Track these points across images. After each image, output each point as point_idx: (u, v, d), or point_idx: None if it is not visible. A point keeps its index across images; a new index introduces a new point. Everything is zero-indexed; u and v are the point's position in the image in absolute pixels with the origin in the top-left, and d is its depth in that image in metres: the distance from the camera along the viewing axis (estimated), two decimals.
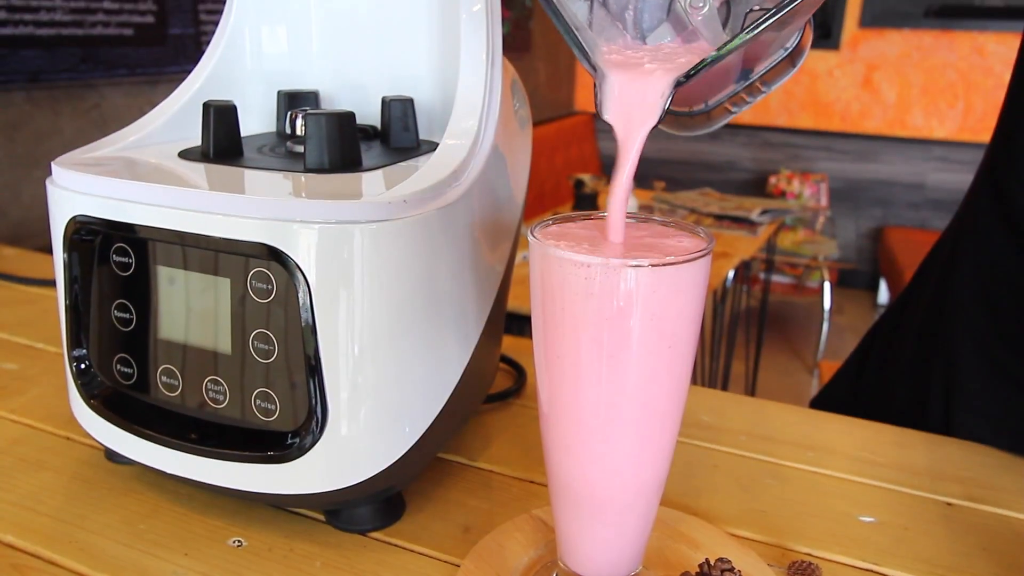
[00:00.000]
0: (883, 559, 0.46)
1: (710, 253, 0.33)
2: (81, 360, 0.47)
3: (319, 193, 0.41)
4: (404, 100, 0.52)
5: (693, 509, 0.50)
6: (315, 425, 0.41)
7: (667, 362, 0.33)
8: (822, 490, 0.53)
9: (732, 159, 3.96)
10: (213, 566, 0.43)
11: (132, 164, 0.47)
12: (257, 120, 0.58)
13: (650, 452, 0.36)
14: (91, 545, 0.45)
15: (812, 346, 3.28)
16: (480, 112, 0.48)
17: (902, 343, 0.71)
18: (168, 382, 0.45)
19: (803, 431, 0.60)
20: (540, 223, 0.35)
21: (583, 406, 0.34)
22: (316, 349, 0.40)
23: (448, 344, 0.46)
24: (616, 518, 0.38)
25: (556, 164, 3.49)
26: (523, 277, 0.59)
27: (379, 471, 0.43)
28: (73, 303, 0.47)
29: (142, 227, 0.42)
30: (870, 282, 3.86)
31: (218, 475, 0.44)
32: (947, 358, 0.63)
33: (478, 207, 0.46)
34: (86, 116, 1.59)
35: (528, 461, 0.55)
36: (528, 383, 0.66)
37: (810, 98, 3.78)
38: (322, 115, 0.45)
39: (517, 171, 0.54)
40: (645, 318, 0.32)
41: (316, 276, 0.39)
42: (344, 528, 0.47)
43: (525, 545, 0.44)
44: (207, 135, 0.48)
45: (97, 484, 0.50)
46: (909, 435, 0.60)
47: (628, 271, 0.31)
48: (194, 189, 0.42)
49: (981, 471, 0.55)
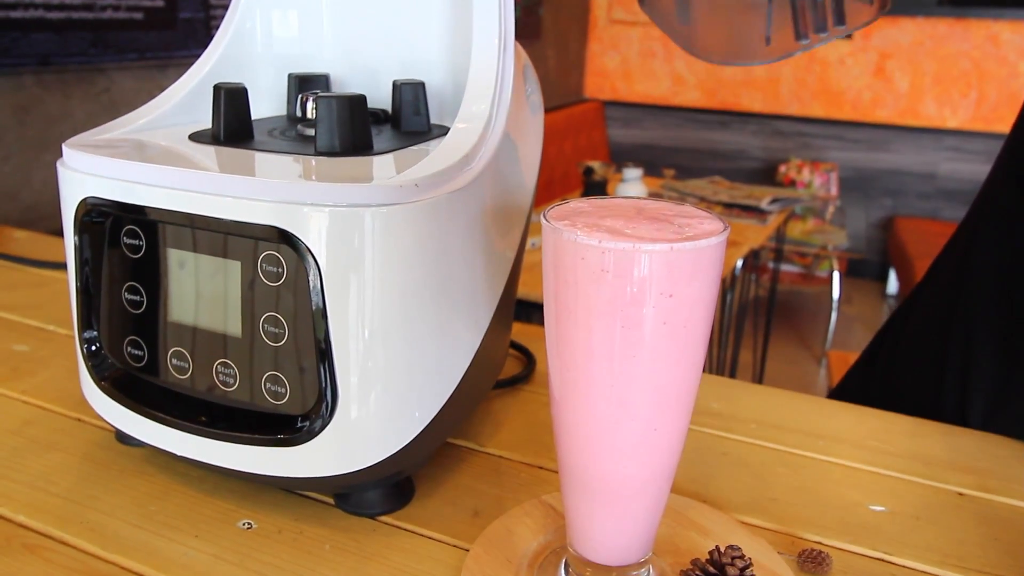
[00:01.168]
0: (893, 548, 0.46)
1: (726, 236, 0.32)
2: (92, 342, 0.47)
3: (330, 176, 0.41)
4: (415, 84, 0.52)
5: (703, 496, 0.50)
6: (325, 409, 0.41)
7: (681, 346, 0.33)
8: (833, 479, 0.52)
9: (742, 147, 3.94)
10: (223, 548, 0.43)
11: (143, 146, 0.47)
12: (268, 104, 0.58)
13: (662, 438, 0.36)
14: (102, 526, 0.45)
15: (820, 336, 3.27)
16: (492, 96, 0.47)
17: (916, 333, 0.70)
18: (178, 365, 0.45)
19: (814, 420, 0.60)
20: (552, 206, 0.35)
21: (595, 391, 0.34)
22: (326, 332, 0.40)
23: (458, 329, 0.46)
24: (626, 504, 0.37)
25: (565, 151, 3.48)
26: (533, 264, 0.59)
27: (388, 455, 0.43)
28: (84, 285, 0.47)
29: (152, 209, 0.42)
30: (880, 272, 3.84)
31: (228, 457, 0.44)
32: (964, 347, 0.63)
33: (489, 192, 0.46)
34: (96, 100, 1.59)
35: (537, 447, 0.55)
36: (538, 369, 0.66)
37: (821, 86, 3.76)
38: (333, 98, 0.45)
39: (528, 157, 0.54)
40: (659, 302, 0.31)
41: (326, 259, 0.39)
42: (353, 512, 0.47)
43: (534, 530, 0.44)
44: (217, 118, 0.48)
45: (108, 465, 0.50)
46: (922, 425, 0.60)
47: (643, 255, 0.30)
48: (205, 171, 0.42)
49: (994, 462, 0.55)
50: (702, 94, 3.95)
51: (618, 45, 4.04)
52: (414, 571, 0.42)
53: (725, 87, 3.90)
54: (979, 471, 0.54)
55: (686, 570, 0.39)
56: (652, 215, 0.34)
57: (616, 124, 4.12)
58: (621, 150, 4.08)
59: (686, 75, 3.95)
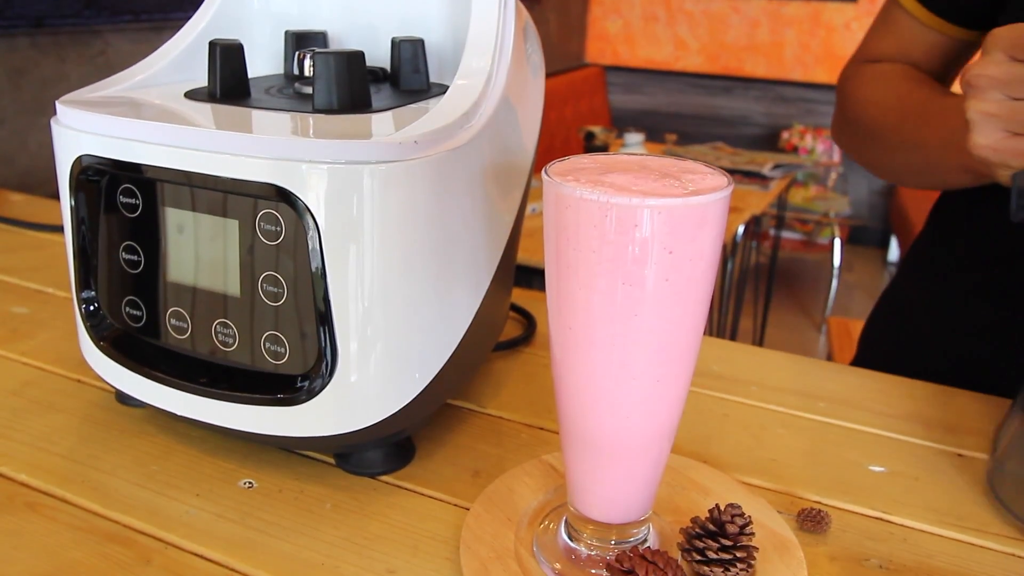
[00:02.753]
0: (892, 507, 0.46)
1: (731, 191, 0.32)
2: (90, 302, 0.47)
3: (328, 133, 0.40)
4: (414, 41, 0.51)
5: (703, 457, 0.50)
6: (324, 368, 0.41)
7: (683, 304, 0.33)
8: (833, 440, 0.53)
9: (745, 113, 3.90)
10: (225, 506, 0.44)
11: (138, 103, 0.47)
12: (264, 62, 0.57)
13: (663, 397, 0.36)
14: (103, 485, 0.45)
15: (821, 303, 3.27)
16: (492, 52, 0.47)
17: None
18: (177, 325, 0.45)
19: (814, 382, 0.60)
20: (553, 162, 0.35)
21: (597, 349, 0.34)
22: (325, 291, 0.39)
23: (458, 289, 0.45)
24: (627, 463, 0.37)
25: (566, 117, 3.45)
26: (534, 230, 0.59)
27: (388, 415, 0.43)
28: (81, 245, 0.46)
29: (149, 167, 0.42)
30: (881, 239, 3.83)
31: (228, 417, 0.44)
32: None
33: (489, 151, 0.46)
34: (92, 63, 1.57)
35: (538, 408, 0.55)
36: (538, 331, 0.65)
37: (826, 52, 3.71)
38: (331, 54, 0.44)
39: (529, 118, 0.53)
40: (662, 258, 0.31)
41: (325, 218, 0.38)
42: (354, 472, 0.47)
43: (535, 489, 0.44)
44: (213, 75, 0.47)
45: (109, 426, 0.50)
46: (921, 387, 0.60)
47: (646, 209, 0.30)
48: (201, 128, 0.41)
49: (992, 423, 0.55)
50: (705, 59, 3.90)
51: (620, 9, 3.99)
52: (415, 529, 0.42)
53: (728, 52, 3.85)
54: (978, 432, 0.54)
55: (686, 528, 0.39)
56: (656, 171, 0.34)
57: (617, 90, 4.08)
58: (622, 116, 4.04)
59: (689, 40, 3.90)
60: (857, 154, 0.74)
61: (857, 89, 0.71)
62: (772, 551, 0.39)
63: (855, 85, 0.72)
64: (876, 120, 0.68)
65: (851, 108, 0.72)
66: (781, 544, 0.40)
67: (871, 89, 0.69)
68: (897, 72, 0.69)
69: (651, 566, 0.35)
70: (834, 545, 0.43)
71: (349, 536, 0.42)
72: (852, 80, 0.73)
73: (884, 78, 0.69)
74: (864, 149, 0.72)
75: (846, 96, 0.73)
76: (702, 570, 0.37)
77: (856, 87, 0.71)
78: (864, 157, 0.73)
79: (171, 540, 0.41)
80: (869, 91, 0.70)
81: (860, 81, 0.71)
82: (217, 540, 0.41)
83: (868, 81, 0.70)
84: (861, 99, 0.70)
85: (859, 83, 0.71)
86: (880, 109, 0.68)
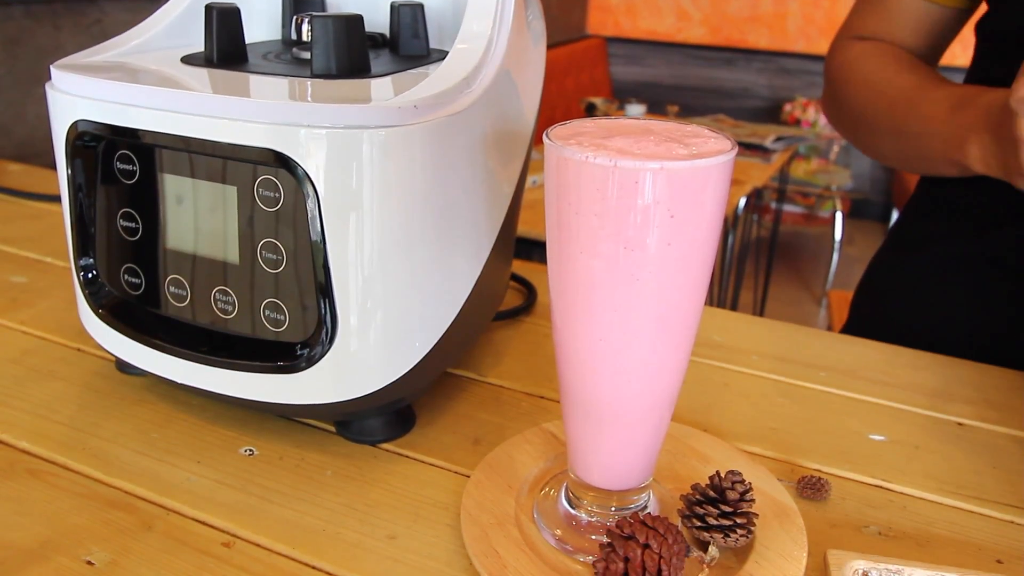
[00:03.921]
0: (892, 476, 0.46)
1: (734, 155, 0.31)
2: (88, 269, 0.47)
3: (326, 97, 0.40)
4: (414, 5, 0.50)
5: (704, 426, 0.50)
6: (324, 336, 0.41)
7: (684, 269, 0.32)
8: (833, 409, 0.53)
9: (747, 86, 3.87)
10: (226, 473, 0.44)
11: (134, 68, 0.46)
12: (261, 27, 0.56)
13: (664, 364, 0.35)
14: (104, 452, 0.45)
15: (821, 277, 3.27)
16: (493, 17, 0.46)
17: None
18: (176, 292, 0.44)
19: (815, 351, 0.60)
20: (554, 126, 0.34)
21: (598, 315, 0.34)
22: (325, 257, 0.39)
23: (458, 257, 0.45)
24: (628, 430, 0.37)
25: (567, 89, 3.42)
26: (534, 202, 0.58)
27: (388, 383, 0.43)
28: (78, 212, 0.46)
29: (145, 132, 0.41)
30: (883, 213, 3.81)
31: (228, 385, 0.44)
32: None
33: (489, 118, 0.45)
34: (87, 32, 1.55)
35: (538, 377, 0.55)
36: (539, 301, 0.65)
37: (829, 23, 3.67)
38: (329, 18, 0.43)
39: (529, 86, 0.53)
40: (664, 223, 0.31)
41: (324, 183, 0.38)
42: (355, 439, 0.47)
43: (535, 457, 0.44)
44: (210, 39, 0.47)
45: (109, 394, 0.50)
46: (921, 356, 0.60)
47: (648, 172, 0.30)
48: (198, 93, 0.40)
49: (993, 392, 0.55)
50: (707, 31, 3.86)
51: None
52: (416, 496, 0.43)
53: (731, 23, 3.81)
54: (977, 401, 0.54)
55: (686, 495, 0.39)
56: (659, 134, 0.33)
57: (619, 61, 4.04)
58: (624, 88, 4.01)
59: (691, 11, 3.85)
60: (846, 132, 0.73)
61: (845, 69, 0.70)
62: (772, 518, 0.40)
63: (842, 64, 0.71)
64: (865, 104, 0.67)
65: (840, 88, 0.71)
66: (781, 511, 0.40)
67: (859, 70, 0.69)
68: (886, 53, 0.68)
69: (651, 532, 0.35)
70: (834, 512, 0.43)
71: (350, 503, 0.42)
72: (839, 58, 0.71)
73: (872, 59, 0.68)
74: (854, 130, 0.72)
75: (834, 76, 0.72)
76: (702, 536, 0.37)
77: (843, 66, 0.70)
78: (852, 136, 0.72)
79: (172, 506, 0.41)
80: (857, 72, 0.69)
81: (847, 60, 0.70)
82: (218, 506, 0.41)
83: (856, 61, 0.69)
84: (850, 80, 0.69)
85: (846, 62, 0.70)
86: (869, 93, 0.67)
